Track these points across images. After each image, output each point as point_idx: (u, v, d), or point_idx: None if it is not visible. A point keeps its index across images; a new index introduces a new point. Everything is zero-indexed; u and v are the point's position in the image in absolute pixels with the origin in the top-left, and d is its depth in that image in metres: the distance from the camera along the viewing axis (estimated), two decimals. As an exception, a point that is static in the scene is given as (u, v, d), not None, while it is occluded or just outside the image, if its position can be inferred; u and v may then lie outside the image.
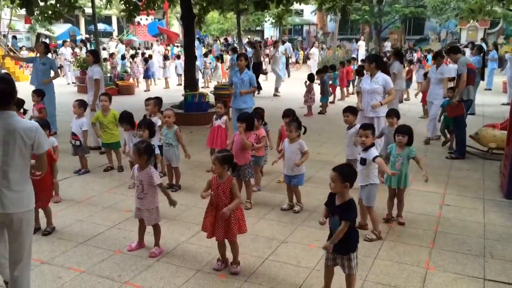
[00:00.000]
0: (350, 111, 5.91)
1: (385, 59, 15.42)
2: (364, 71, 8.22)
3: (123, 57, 19.42)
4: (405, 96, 13.85)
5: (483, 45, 18.16)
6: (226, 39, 34.32)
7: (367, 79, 6.84)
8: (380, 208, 5.05)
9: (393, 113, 6.11)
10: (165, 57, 18.80)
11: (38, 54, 9.77)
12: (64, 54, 19.61)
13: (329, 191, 3.51)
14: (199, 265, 4.09)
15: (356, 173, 3.64)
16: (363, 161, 4.64)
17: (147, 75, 17.32)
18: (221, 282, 3.81)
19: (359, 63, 19.31)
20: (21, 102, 7.39)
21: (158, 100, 6.69)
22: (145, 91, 16.44)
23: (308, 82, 12.03)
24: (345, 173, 3.40)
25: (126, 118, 6.21)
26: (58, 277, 3.89)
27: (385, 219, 5.04)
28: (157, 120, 6.31)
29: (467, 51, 17.32)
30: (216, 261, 4.08)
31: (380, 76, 6.66)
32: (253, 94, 8.67)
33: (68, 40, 23.73)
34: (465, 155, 7.67)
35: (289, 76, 20.26)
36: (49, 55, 12.46)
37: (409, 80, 14.45)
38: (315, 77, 12.43)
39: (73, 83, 18.01)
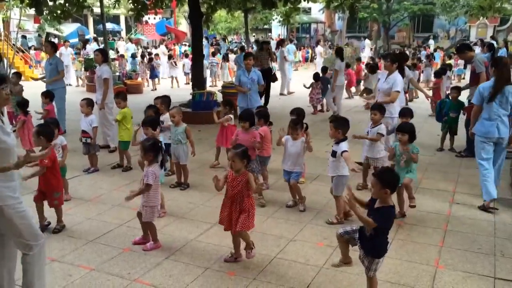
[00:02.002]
0: (379, 109, 5.75)
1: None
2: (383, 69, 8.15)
3: (133, 56, 19.45)
4: (414, 94, 13.81)
5: (494, 42, 18.00)
6: (216, 38, 33.71)
7: (382, 78, 6.79)
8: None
9: (407, 113, 6.09)
10: (169, 57, 18.81)
11: (48, 55, 9.80)
12: (64, 55, 19.49)
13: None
14: (208, 263, 4.10)
15: (398, 179, 3.42)
16: (334, 154, 4.83)
17: (153, 75, 17.40)
18: (229, 280, 3.82)
19: (367, 61, 19.19)
20: (25, 102, 7.44)
21: (165, 99, 6.69)
22: (152, 90, 16.60)
23: (314, 83, 11.92)
24: (385, 179, 3.20)
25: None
26: (68, 275, 3.92)
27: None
28: (165, 119, 6.33)
29: (477, 49, 17.16)
30: (229, 254, 4.15)
31: (393, 77, 6.57)
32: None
33: (70, 40, 23.69)
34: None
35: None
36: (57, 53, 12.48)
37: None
38: (320, 76, 12.37)
39: (69, 85, 17.98)
